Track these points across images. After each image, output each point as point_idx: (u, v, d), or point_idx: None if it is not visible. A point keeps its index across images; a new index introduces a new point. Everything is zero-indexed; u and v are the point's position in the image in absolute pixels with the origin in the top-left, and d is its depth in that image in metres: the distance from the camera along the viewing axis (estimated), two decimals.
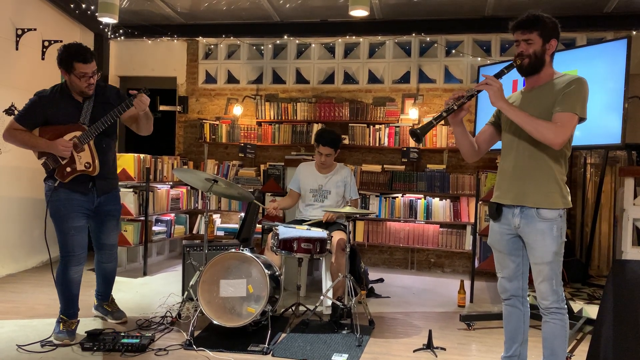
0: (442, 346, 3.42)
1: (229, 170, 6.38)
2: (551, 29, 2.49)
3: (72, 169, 3.30)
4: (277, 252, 3.84)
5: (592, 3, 5.31)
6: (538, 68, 2.52)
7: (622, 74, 3.84)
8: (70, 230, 3.32)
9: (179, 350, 3.23)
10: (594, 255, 5.25)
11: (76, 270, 3.39)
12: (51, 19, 5.83)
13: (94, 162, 3.32)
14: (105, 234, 3.61)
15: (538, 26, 2.47)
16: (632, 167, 4.65)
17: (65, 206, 3.32)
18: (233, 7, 5.93)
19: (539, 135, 2.39)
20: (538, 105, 2.50)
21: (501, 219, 2.61)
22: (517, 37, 2.53)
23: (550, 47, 2.51)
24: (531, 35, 2.47)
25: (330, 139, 4.42)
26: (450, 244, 5.80)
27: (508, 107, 2.46)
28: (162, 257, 6.22)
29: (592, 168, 5.38)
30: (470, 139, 2.73)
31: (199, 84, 6.75)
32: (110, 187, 3.53)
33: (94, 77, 3.27)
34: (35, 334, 3.41)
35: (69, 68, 3.23)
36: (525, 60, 2.50)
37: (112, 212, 3.59)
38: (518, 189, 2.52)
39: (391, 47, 6.27)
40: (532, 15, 2.49)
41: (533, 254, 2.51)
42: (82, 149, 3.28)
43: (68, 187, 3.32)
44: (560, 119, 2.40)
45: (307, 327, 3.71)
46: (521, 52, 2.50)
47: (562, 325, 2.50)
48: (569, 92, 2.42)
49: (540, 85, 2.55)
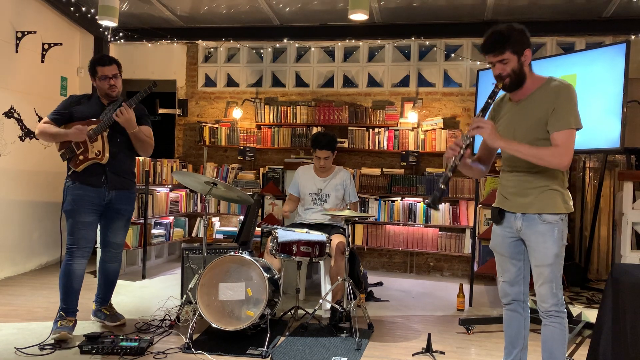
0: (441, 350, 3.42)
1: (229, 173, 6.39)
2: (521, 40, 2.41)
3: (84, 157, 3.51)
4: (276, 256, 3.84)
5: (591, 7, 5.33)
6: (521, 82, 2.47)
7: (621, 78, 3.84)
8: (78, 225, 3.48)
9: (178, 354, 3.22)
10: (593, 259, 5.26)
11: (79, 262, 3.49)
12: (51, 22, 5.84)
13: (104, 150, 3.51)
14: (113, 231, 3.70)
15: (508, 44, 2.39)
16: (631, 171, 4.66)
17: (77, 202, 3.49)
18: (233, 10, 5.95)
19: (545, 163, 2.38)
20: (529, 117, 2.47)
21: (503, 223, 2.61)
22: (490, 60, 2.46)
23: (526, 58, 2.44)
24: (504, 55, 2.41)
25: (327, 141, 4.42)
26: (450, 247, 5.80)
27: (506, 145, 2.44)
28: (161, 260, 6.21)
29: (591, 172, 5.39)
30: (476, 167, 2.71)
31: (198, 87, 6.76)
32: (123, 184, 3.65)
33: (115, 80, 3.57)
34: (34, 337, 3.40)
35: (93, 73, 3.58)
36: (506, 80, 2.45)
37: (122, 211, 3.69)
38: (521, 200, 2.52)
39: (390, 51, 6.28)
40: (499, 34, 2.41)
41: (534, 255, 2.51)
42: (95, 139, 3.51)
43: (82, 180, 3.50)
44: (559, 139, 2.38)
45: (306, 331, 3.71)
46: (499, 74, 2.45)
47: (561, 329, 2.50)
48: (559, 108, 2.39)
49: (528, 95, 2.51)
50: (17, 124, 5.34)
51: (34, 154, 5.56)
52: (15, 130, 5.33)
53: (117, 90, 3.61)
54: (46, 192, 5.72)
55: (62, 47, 5.91)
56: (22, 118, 5.41)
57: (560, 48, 5.80)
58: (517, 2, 5.32)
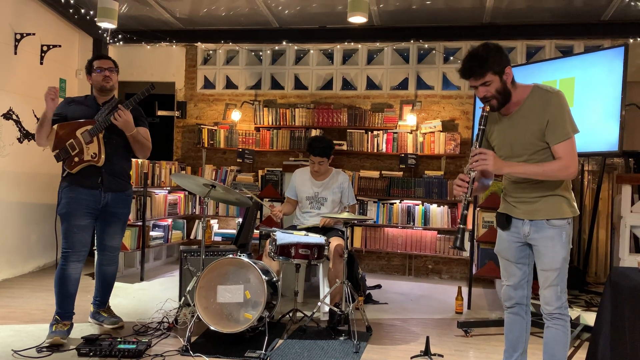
0: (439, 353, 3.41)
1: (227, 175, 6.38)
2: (499, 59, 2.38)
3: (79, 159, 3.46)
4: (274, 258, 3.84)
5: (590, 11, 5.34)
6: (507, 99, 2.45)
7: (619, 82, 3.85)
8: (73, 228, 3.43)
9: (176, 356, 3.21)
10: (591, 262, 5.27)
11: (74, 267, 3.44)
12: (50, 23, 5.84)
13: (100, 153, 3.47)
14: (109, 235, 3.67)
15: (487, 66, 2.36)
16: (630, 174, 4.67)
17: (72, 205, 3.44)
18: (232, 12, 5.95)
19: (555, 178, 2.41)
20: (524, 131, 2.46)
21: (511, 228, 2.61)
22: (472, 84, 2.45)
23: (507, 75, 2.41)
24: (485, 77, 2.38)
25: (321, 148, 4.36)
26: (448, 250, 5.80)
27: (512, 169, 2.44)
28: (160, 262, 6.20)
29: (589, 175, 5.40)
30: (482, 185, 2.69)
31: (197, 89, 6.76)
32: (119, 187, 3.61)
33: (110, 72, 3.56)
34: (32, 339, 3.39)
35: (90, 69, 3.58)
36: (493, 101, 2.44)
37: (119, 214, 3.66)
38: (527, 207, 2.52)
39: (389, 54, 6.29)
40: (476, 58, 2.39)
41: (542, 260, 2.50)
42: (91, 141, 3.45)
43: (77, 183, 3.46)
44: (561, 151, 2.38)
45: (304, 334, 3.71)
46: (484, 96, 2.44)
47: (564, 332, 2.50)
48: (553, 119, 2.38)
49: (517, 109, 2.49)
50: (15, 125, 5.34)
51: (32, 156, 5.56)
52: (14, 132, 5.33)
53: (112, 83, 3.58)
54: (44, 194, 5.72)
55: (61, 49, 5.91)
56: (21, 120, 5.40)
57: (559, 51, 5.81)
58: (515, 5, 5.33)
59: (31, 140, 5.51)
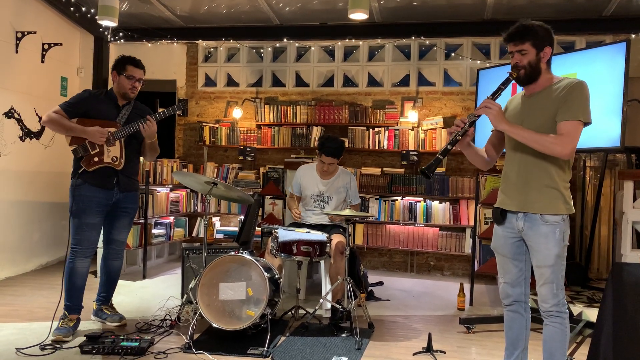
0: (441, 349, 3.42)
1: (229, 173, 6.38)
2: (543, 37, 2.48)
3: (99, 159, 3.52)
4: (276, 255, 3.84)
5: (591, 6, 5.32)
6: (535, 77, 2.52)
7: (621, 77, 3.84)
8: (83, 226, 3.50)
9: (178, 354, 3.22)
10: (593, 258, 5.26)
11: (82, 261, 3.53)
12: (51, 22, 5.84)
13: (121, 157, 3.57)
14: (117, 229, 3.74)
15: (529, 36, 2.46)
16: (632, 170, 4.66)
17: (85, 202, 3.49)
18: (233, 10, 5.94)
19: (547, 150, 2.41)
20: (540, 111, 2.50)
21: (505, 223, 2.62)
22: (510, 49, 2.54)
23: (545, 54, 2.49)
24: (524, 45, 2.47)
25: (334, 148, 4.30)
26: (450, 247, 5.80)
27: (511, 128, 2.48)
28: (162, 260, 6.21)
29: (591, 171, 5.39)
30: (481, 153, 2.76)
31: (198, 87, 6.76)
32: (132, 186, 3.72)
33: (138, 83, 3.63)
34: (35, 337, 3.40)
35: (120, 69, 3.60)
36: (521, 71, 2.51)
37: (128, 209, 3.73)
38: (522, 197, 2.53)
39: (390, 50, 6.28)
40: (523, 26, 2.48)
41: (536, 256, 2.51)
42: (113, 144, 3.54)
43: (92, 182, 3.51)
44: (564, 128, 2.40)
45: (306, 330, 3.71)
46: (516, 64, 2.51)
47: (562, 329, 2.50)
48: (570, 100, 2.42)
49: (539, 91, 2.55)
50: (17, 124, 5.34)
51: (34, 154, 5.56)
52: (16, 130, 5.33)
53: (136, 94, 3.67)
54: (46, 193, 5.73)
55: (62, 47, 5.91)
56: (23, 118, 5.41)
57: (561, 47, 5.80)
58: (517, 1, 5.31)
59: (33, 138, 5.52)
